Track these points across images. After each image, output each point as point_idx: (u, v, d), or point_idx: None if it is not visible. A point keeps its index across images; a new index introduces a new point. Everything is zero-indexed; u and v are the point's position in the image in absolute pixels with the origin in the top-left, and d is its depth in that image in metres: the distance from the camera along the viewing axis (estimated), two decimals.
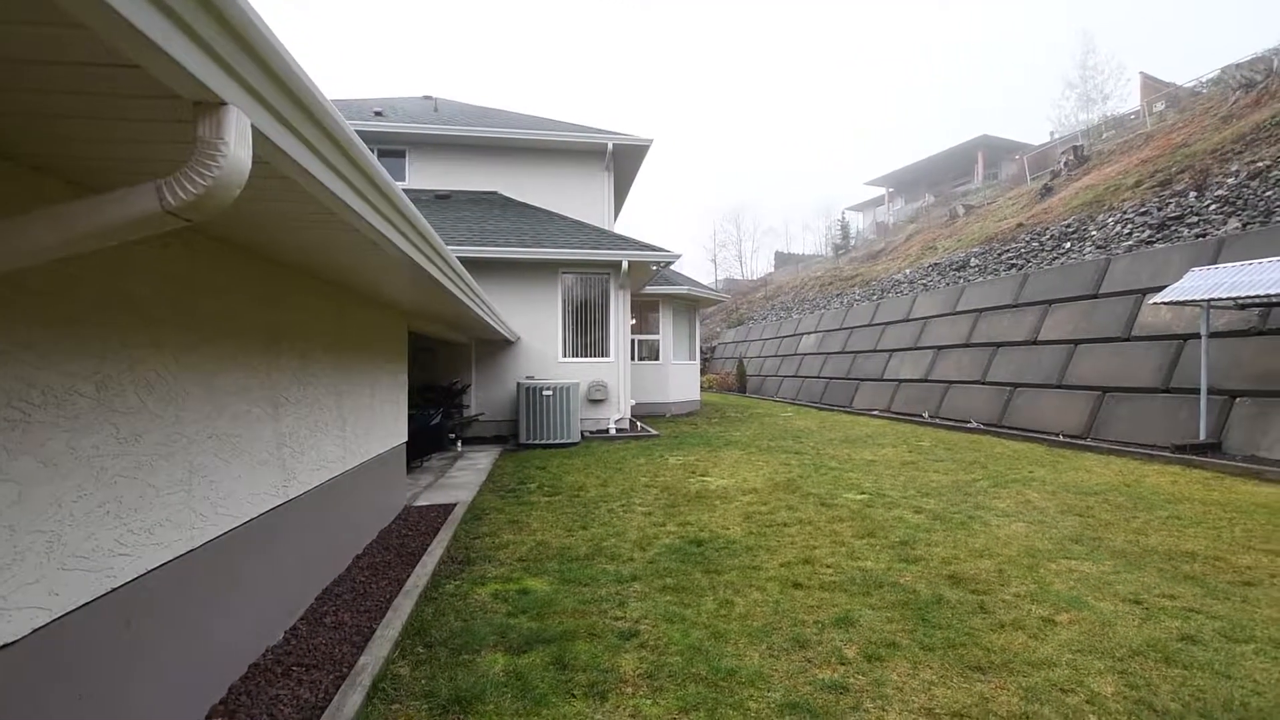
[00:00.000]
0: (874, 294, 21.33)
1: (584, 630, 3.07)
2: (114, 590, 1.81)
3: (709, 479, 6.80)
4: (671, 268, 16.65)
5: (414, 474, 7.25)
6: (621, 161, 14.15)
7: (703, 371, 29.48)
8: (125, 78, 1.04)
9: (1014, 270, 14.75)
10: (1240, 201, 10.60)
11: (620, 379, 10.78)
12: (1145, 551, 4.26)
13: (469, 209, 12.00)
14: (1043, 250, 14.65)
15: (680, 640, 2.95)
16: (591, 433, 10.53)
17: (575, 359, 10.72)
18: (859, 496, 5.90)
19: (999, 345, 12.04)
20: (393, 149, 13.17)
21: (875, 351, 16.35)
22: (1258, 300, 7.24)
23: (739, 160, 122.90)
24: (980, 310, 13.16)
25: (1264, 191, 10.34)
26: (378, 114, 13.47)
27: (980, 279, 15.39)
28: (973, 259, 17.38)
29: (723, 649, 2.87)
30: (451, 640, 2.97)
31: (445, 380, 9.63)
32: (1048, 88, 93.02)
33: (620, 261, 10.27)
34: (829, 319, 20.67)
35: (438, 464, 7.98)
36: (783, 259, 48.96)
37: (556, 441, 9.32)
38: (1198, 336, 7.92)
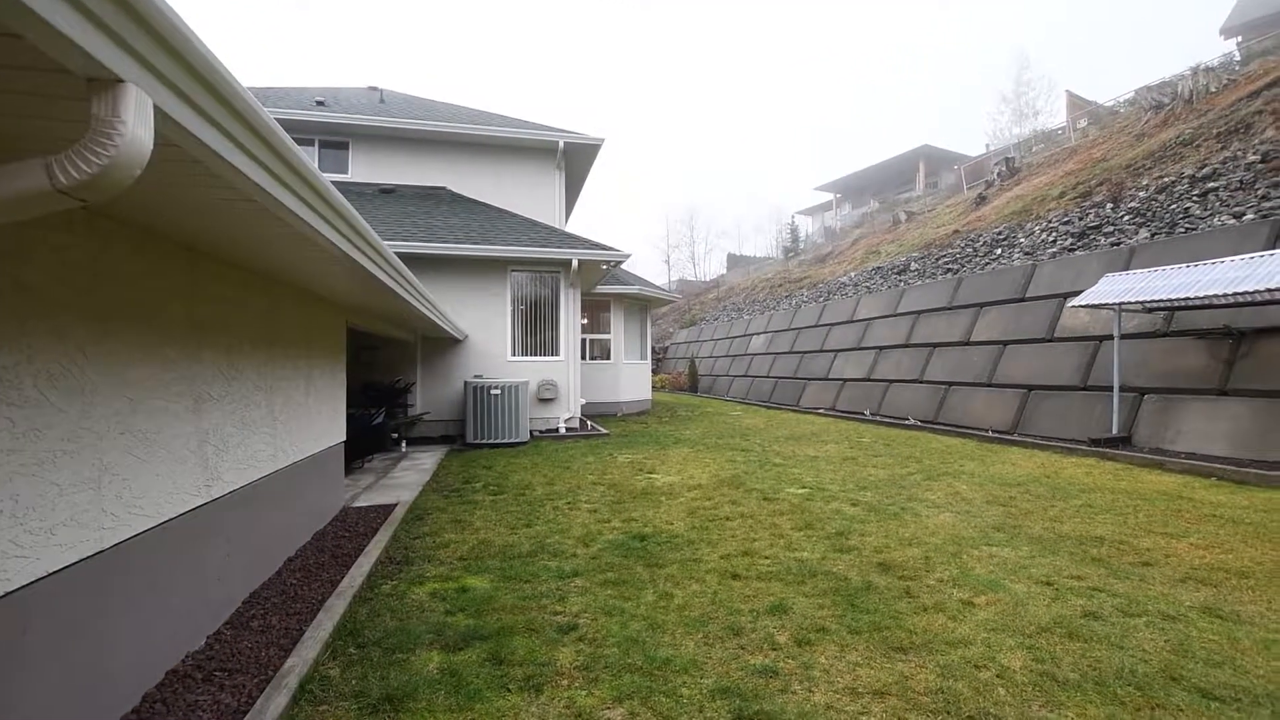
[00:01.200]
0: (821, 296, 21.94)
1: (523, 626, 3.07)
2: (6, 595, 1.71)
3: (656, 476, 6.86)
4: (624, 268, 16.71)
5: (354, 475, 7.05)
6: (573, 160, 14.11)
7: (655, 371, 29.70)
8: (3, 48, 0.99)
9: (950, 274, 15.44)
10: (1149, 213, 11.41)
11: (570, 378, 10.75)
12: (1059, 537, 4.55)
13: (415, 204, 11.73)
14: (976, 256, 15.39)
15: (619, 632, 2.99)
16: (541, 432, 10.46)
17: (525, 358, 10.63)
18: (800, 491, 6.08)
19: (935, 346, 12.59)
20: (335, 140, 12.75)
21: (821, 352, 16.83)
22: (1161, 304, 7.81)
23: (693, 163, 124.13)
24: (919, 312, 13.73)
25: (1169, 204, 11.17)
26: (319, 103, 13.02)
27: (919, 282, 16.04)
28: (913, 263, 18.09)
29: (659, 639, 2.92)
30: (385, 640, 2.92)
31: (389, 379, 9.39)
32: (985, 102, 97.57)
33: (571, 260, 10.24)
34: (778, 320, 21.14)
35: (380, 465, 7.78)
36: (735, 261, 49.72)
37: (505, 441, 9.22)
38: (1111, 338, 8.49)
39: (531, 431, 10.26)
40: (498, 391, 9.18)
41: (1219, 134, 12.68)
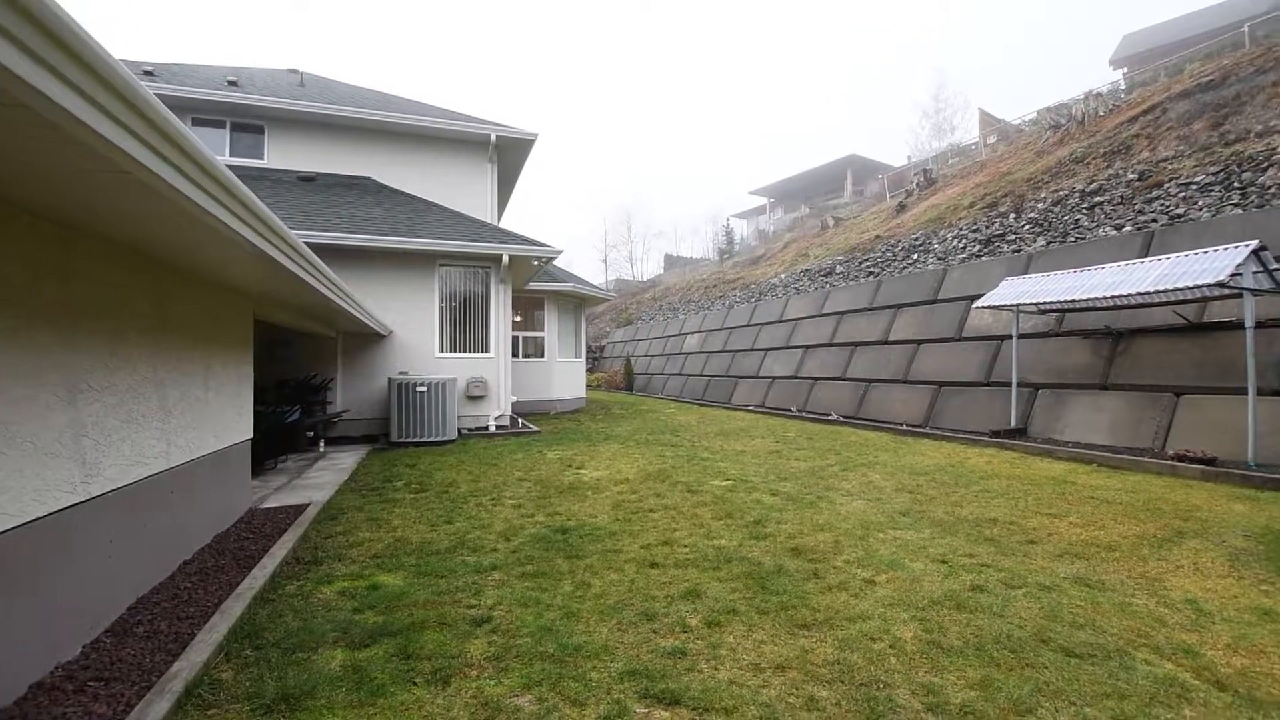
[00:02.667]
0: (753, 297, 22.52)
1: (434, 620, 3.01)
2: None
3: (584, 471, 6.87)
4: (559, 266, 16.62)
5: (265, 475, 6.69)
6: (506, 154, 13.88)
7: (591, 370, 29.66)
8: None
9: (872, 277, 16.20)
10: (1046, 223, 12.38)
11: (501, 375, 10.58)
12: (958, 520, 4.87)
13: (338, 193, 11.23)
14: (895, 260, 16.22)
15: (533, 623, 2.98)
16: (470, 430, 10.25)
17: (453, 354, 10.38)
18: (724, 483, 6.23)
19: (857, 345, 13.18)
20: (249, 123, 12.04)
21: (752, 350, 17.28)
22: (1052, 306, 8.49)
23: (632, 164, 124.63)
24: (842, 313, 14.34)
25: (1063, 215, 12.16)
26: (231, 83, 12.26)
27: (844, 284, 16.75)
28: (838, 266, 18.86)
29: (574, 627, 2.93)
30: (286, 640, 2.79)
31: (304, 375, 8.95)
32: (909, 116, 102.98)
33: (501, 255, 10.08)
34: (711, 319, 21.55)
35: (295, 465, 7.40)
36: (672, 261, 50.30)
37: (431, 439, 8.98)
38: (1010, 337, 9.15)
39: (460, 430, 10.04)
40: (424, 389, 8.93)
41: (1105, 153, 13.90)
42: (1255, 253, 6.32)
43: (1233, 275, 6.15)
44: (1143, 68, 25.56)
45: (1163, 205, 10.26)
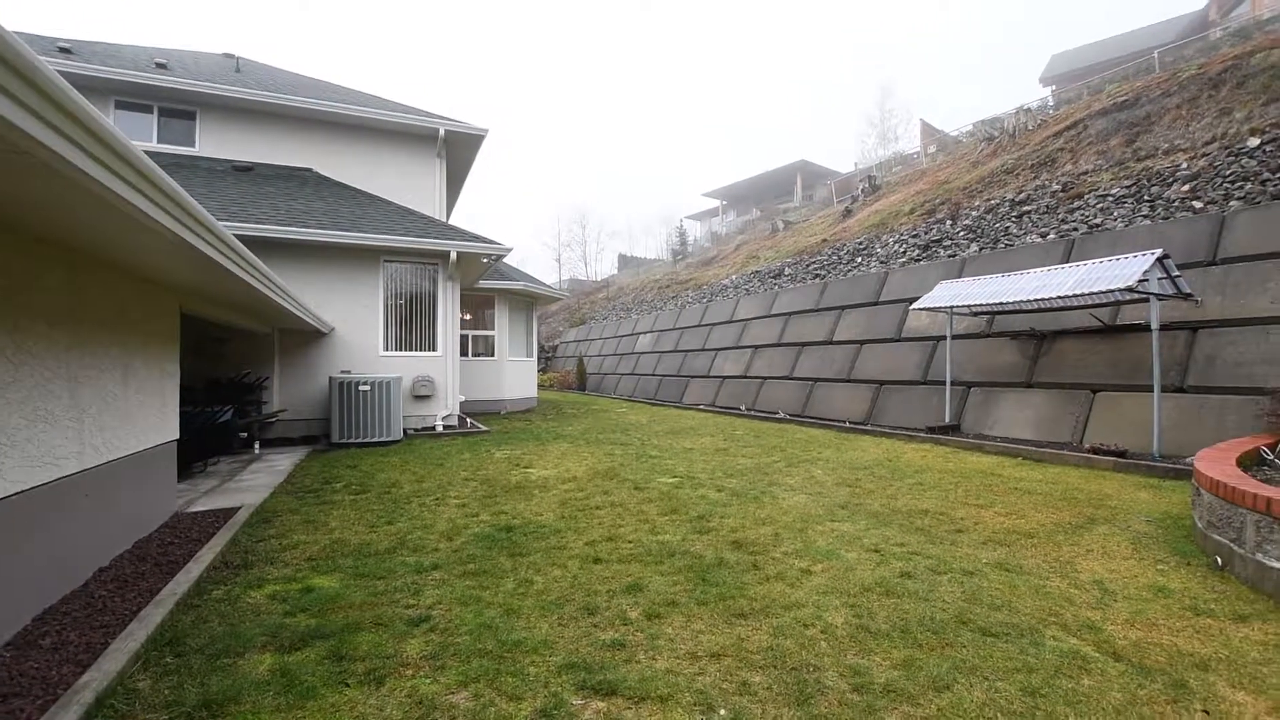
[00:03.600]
0: (705, 297, 22.81)
1: (370, 621, 2.95)
2: None
3: (532, 470, 6.82)
4: (511, 264, 16.42)
5: (194, 479, 6.37)
6: (455, 150, 13.62)
7: (544, 370, 29.42)
8: None
9: (818, 279, 16.66)
10: (979, 229, 13.01)
11: (449, 374, 10.38)
12: (893, 512, 5.07)
13: (276, 185, 10.79)
14: (841, 263, 16.74)
15: (472, 620, 2.95)
16: (417, 430, 10.02)
17: (399, 353, 10.12)
18: (671, 480, 6.30)
19: (804, 345, 13.54)
20: (180, 109, 11.42)
21: (703, 350, 17.51)
22: (983, 308, 8.95)
23: (587, 164, 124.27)
24: (790, 314, 14.70)
25: (994, 223, 12.81)
26: (160, 65, 11.60)
27: (792, 286, 17.16)
28: (787, 268, 19.31)
29: (514, 624, 2.92)
30: (210, 646, 2.68)
31: (238, 373, 8.56)
32: (856, 125, 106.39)
33: (449, 252, 9.90)
34: (664, 320, 21.71)
35: (227, 468, 7.08)
36: (626, 261, 50.41)
37: (375, 440, 8.73)
38: (945, 338, 9.59)
39: (406, 430, 9.81)
40: (367, 388, 8.68)
41: (1033, 165, 14.72)
42: (1160, 260, 6.83)
43: (1140, 281, 6.63)
44: (1068, 86, 27.20)
45: (1083, 215, 10.94)
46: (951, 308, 8.96)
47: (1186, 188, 9.68)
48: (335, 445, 8.60)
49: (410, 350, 10.28)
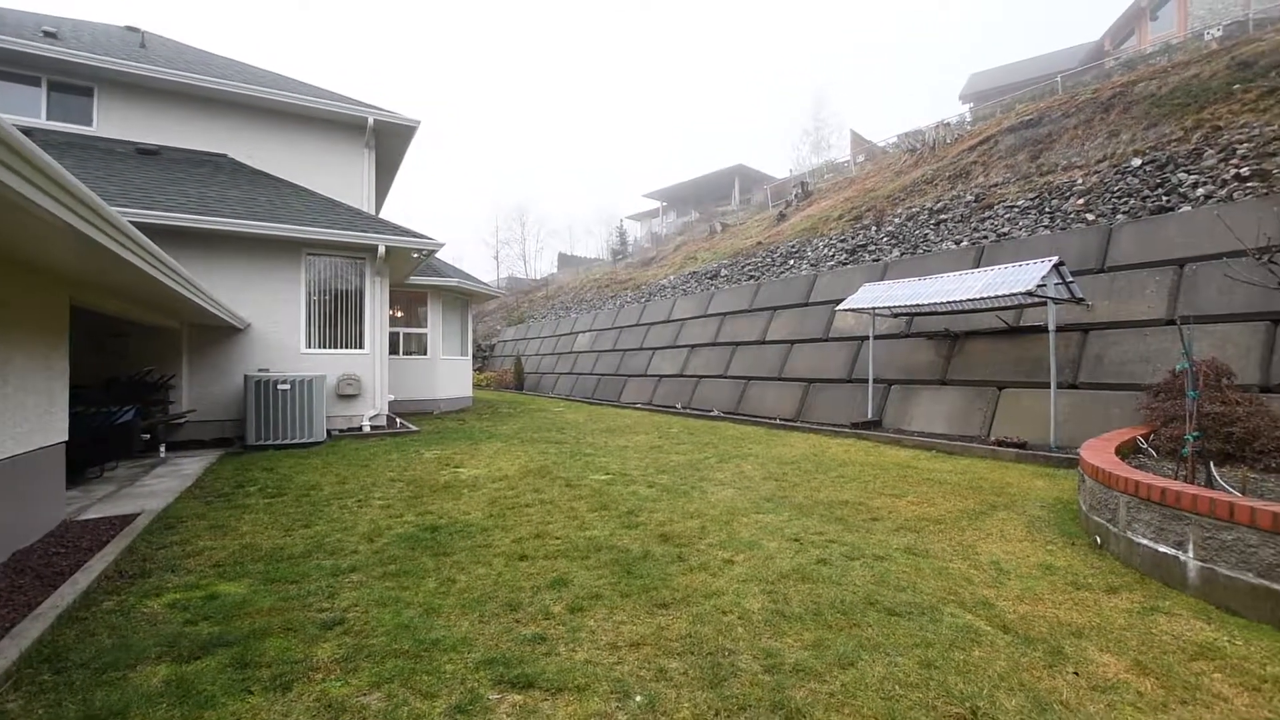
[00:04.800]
0: (644, 297, 22.97)
1: (280, 626, 2.82)
2: None
3: (462, 470, 6.69)
4: (446, 261, 16.02)
5: (88, 484, 5.90)
6: (385, 141, 13.16)
7: (481, 369, 28.83)
8: None
9: (752, 281, 17.10)
10: (901, 236, 13.71)
11: (376, 373, 10.02)
12: (815, 503, 5.28)
13: (186, 170, 10.11)
14: (774, 265, 17.24)
15: (390, 621, 2.88)
16: (342, 431, 9.62)
17: (323, 350, 9.69)
18: (604, 477, 6.33)
19: (738, 344, 13.86)
20: (74, 84, 10.52)
21: (641, 350, 17.63)
22: (902, 310, 9.44)
23: (528, 161, 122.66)
24: (725, 314, 15.02)
25: (915, 230, 13.53)
26: (48, 34, 10.64)
27: (727, 287, 17.53)
28: (723, 269, 19.72)
29: (433, 623, 2.87)
30: (96, 660, 2.50)
31: (140, 370, 7.98)
32: (792, 132, 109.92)
33: (377, 246, 9.56)
34: (603, 319, 21.72)
35: (127, 472, 6.58)
36: (565, 260, 50.09)
37: (296, 441, 8.33)
38: (868, 338, 10.05)
39: (330, 430, 9.40)
40: (286, 387, 8.26)
41: (950, 176, 15.63)
42: (1056, 267, 7.41)
43: (1039, 286, 7.17)
44: (984, 104, 29.03)
45: (992, 224, 11.72)
46: (874, 309, 9.40)
47: (1081, 201, 10.54)
48: (251, 447, 8.14)
49: (335, 348, 9.86)
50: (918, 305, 8.64)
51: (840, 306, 9.99)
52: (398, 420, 11.05)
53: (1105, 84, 15.59)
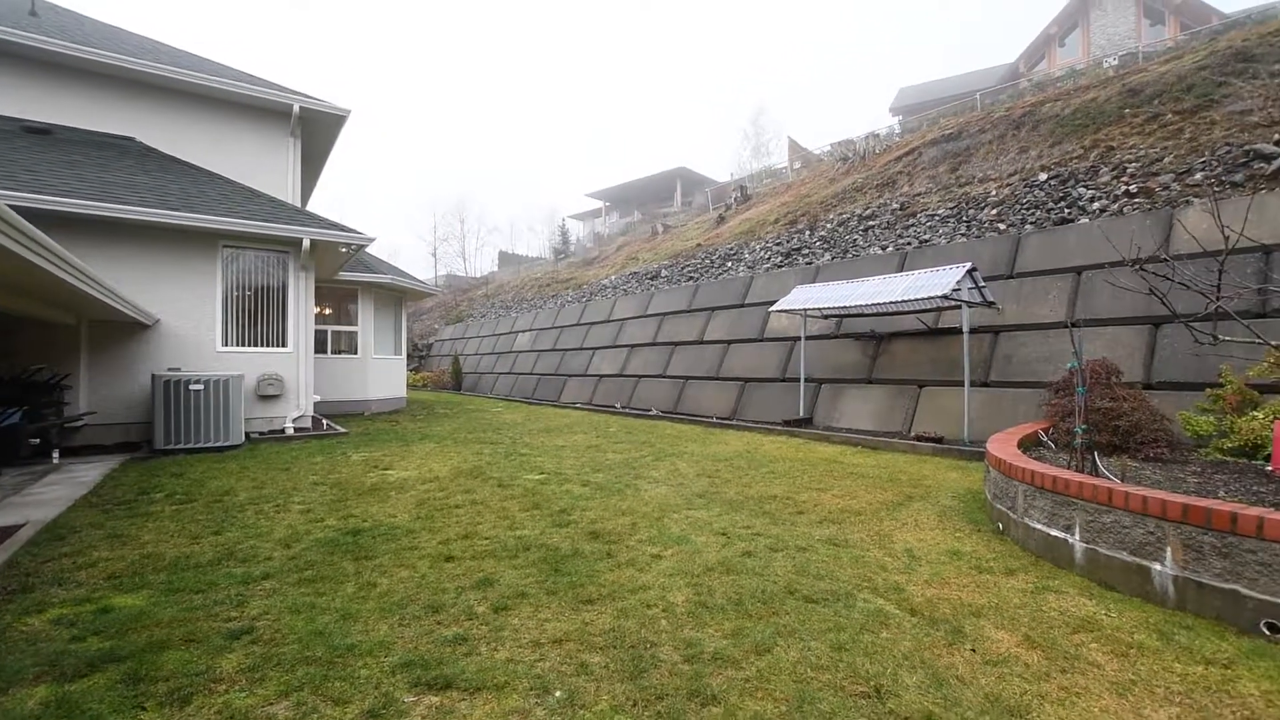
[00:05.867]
0: (585, 296, 22.91)
1: (180, 638, 2.66)
2: None
3: (391, 472, 6.49)
4: (379, 257, 15.47)
5: None
6: (313, 130, 12.58)
7: (417, 369, 28.01)
8: None
9: (692, 282, 17.35)
10: (833, 240, 14.25)
11: (301, 372, 9.57)
12: (745, 499, 5.42)
13: (86, 153, 9.34)
14: (713, 266, 17.55)
15: (303, 628, 2.77)
16: (262, 433, 9.13)
17: (241, 349, 9.17)
18: (538, 477, 6.28)
19: (677, 344, 14.04)
20: None
21: (581, 349, 17.58)
22: (832, 312, 9.81)
23: (469, 158, 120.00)
24: (665, 314, 15.18)
25: (845, 235, 14.09)
26: None
27: (667, 288, 17.72)
28: (664, 270, 19.91)
29: (350, 628, 2.78)
30: None
31: (26, 369, 7.32)
32: (733, 138, 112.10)
33: (301, 239, 9.13)
34: (543, 318, 21.51)
35: (12, 480, 6.03)
36: (506, 259, 49.31)
37: (210, 445, 7.84)
38: (800, 339, 10.39)
39: (249, 433, 8.90)
40: (199, 387, 7.77)
41: (878, 185, 16.36)
42: (969, 272, 7.89)
43: (954, 290, 7.61)
44: (911, 117, 30.51)
45: (915, 231, 12.34)
46: (805, 310, 9.73)
47: (994, 212, 11.26)
48: (160, 452, 7.62)
49: (255, 346, 9.34)
50: (846, 307, 9.01)
51: (774, 308, 10.28)
52: (324, 422, 10.59)
53: (1018, 103, 16.71)
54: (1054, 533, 3.71)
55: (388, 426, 10.87)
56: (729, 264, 17.07)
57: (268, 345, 9.44)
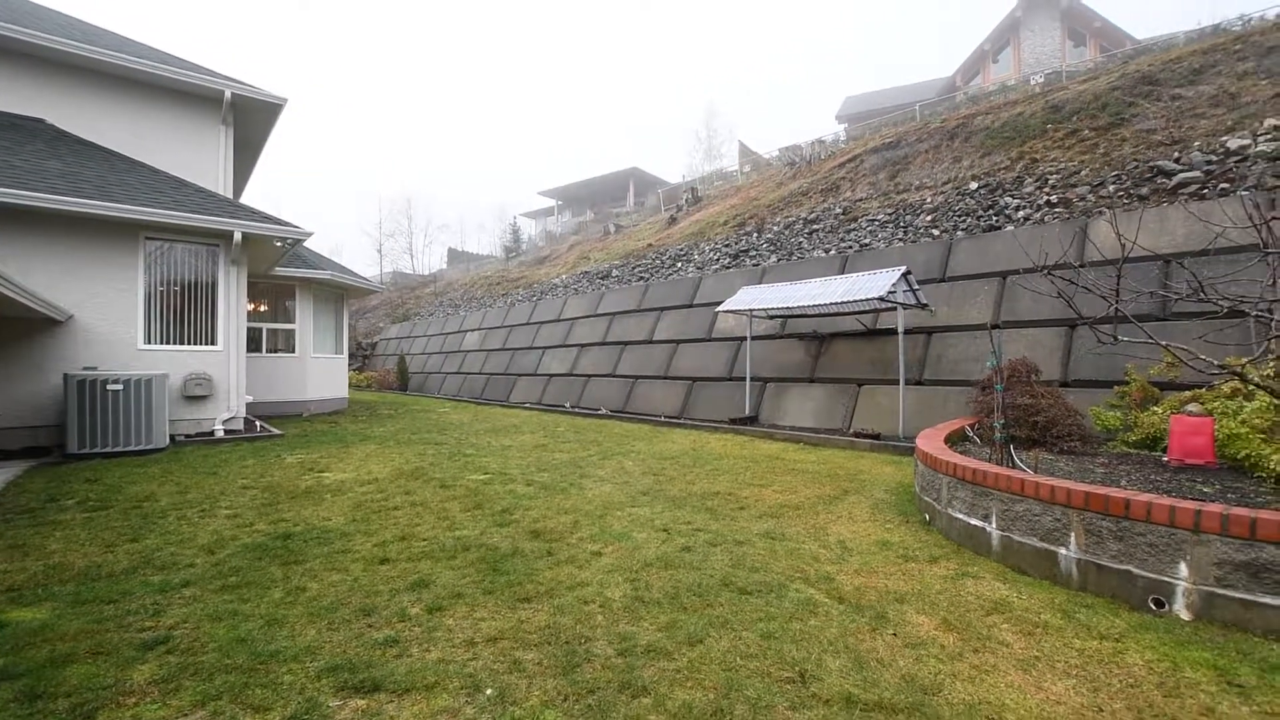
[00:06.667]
0: (536, 295, 22.70)
1: (87, 651, 2.52)
2: None
3: (327, 474, 6.28)
4: (320, 252, 14.91)
5: None
6: (247, 119, 12.01)
7: (361, 369, 27.16)
8: None
9: (642, 281, 17.45)
10: (779, 242, 14.60)
11: (232, 372, 9.14)
12: (689, 495, 5.50)
13: None
14: (663, 267, 17.70)
15: (224, 636, 2.66)
16: (189, 436, 8.67)
17: (166, 346, 8.68)
18: (482, 477, 6.20)
19: (627, 344, 14.09)
20: None
21: (531, 348, 17.42)
22: (776, 312, 10.06)
23: (419, 153, 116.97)
24: (614, 314, 15.21)
25: (791, 238, 14.46)
26: None
27: (618, 287, 17.76)
28: (615, 270, 19.94)
29: (275, 634, 2.69)
30: None
31: None
32: (686, 140, 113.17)
33: (233, 232, 8.71)
34: (492, 317, 21.21)
35: None
36: (456, 256, 48.36)
37: (130, 449, 7.40)
38: (746, 338, 10.60)
39: (174, 436, 8.44)
40: (119, 387, 7.32)
41: (822, 190, 16.85)
42: (904, 276, 8.23)
43: (890, 292, 7.93)
44: (856, 125, 31.53)
45: (856, 235, 12.78)
46: (751, 311, 9.94)
47: (929, 218, 11.78)
48: (74, 457, 7.13)
49: (182, 344, 8.86)
50: (789, 308, 9.25)
51: (721, 308, 10.46)
52: (258, 424, 10.15)
53: (953, 115, 17.52)
54: (974, 522, 3.92)
55: (327, 428, 10.50)
56: (679, 264, 17.25)
57: (196, 343, 8.97)
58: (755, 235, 15.89)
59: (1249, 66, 10.97)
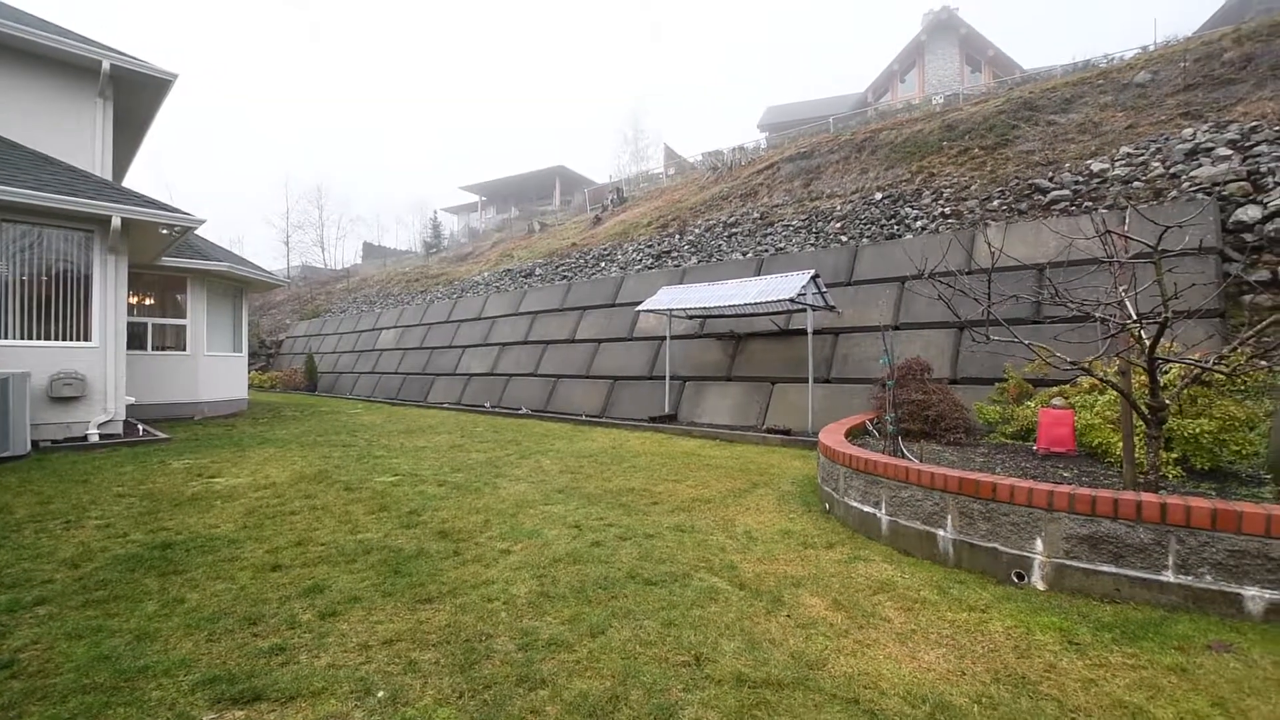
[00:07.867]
0: (456, 293, 22.07)
1: None
2: None
3: (218, 480, 5.86)
4: (211, 240, 13.84)
5: None
6: (129, 93, 10.96)
7: (266, 368, 25.47)
8: None
9: (565, 280, 17.36)
10: (699, 245, 14.94)
11: (109, 370, 8.33)
12: (605, 492, 5.53)
13: None
14: (587, 266, 17.68)
15: (84, 655, 2.44)
16: (57, 441, 7.83)
17: (27, 342, 7.80)
18: (391, 479, 5.99)
19: (549, 343, 13.98)
20: None
21: (450, 347, 16.93)
22: (695, 312, 10.29)
23: (330, 144, 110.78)
24: (537, 312, 15.05)
25: (711, 240, 14.84)
26: None
27: (541, 286, 17.58)
28: (539, 268, 19.72)
29: (144, 649, 2.49)
30: None
31: None
32: (613, 141, 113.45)
33: (110, 217, 7.94)
34: (409, 315, 20.44)
35: None
36: (373, 251, 46.24)
37: None
38: (666, 338, 10.78)
39: (38, 441, 7.61)
40: None
41: (742, 195, 17.38)
42: (813, 278, 8.65)
43: (800, 294, 8.30)
44: (776, 134, 32.72)
45: (772, 239, 13.29)
46: (671, 311, 10.13)
47: (839, 225, 12.42)
48: None
49: (48, 339, 7.99)
50: (708, 308, 9.49)
51: (641, 307, 10.59)
52: (140, 427, 9.30)
53: (862, 129, 18.54)
54: (866, 509, 4.19)
55: (221, 431, 9.77)
56: (603, 264, 17.29)
57: (65, 338, 8.11)
58: (678, 237, 16.19)
59: (1109, 99, 12.29)
